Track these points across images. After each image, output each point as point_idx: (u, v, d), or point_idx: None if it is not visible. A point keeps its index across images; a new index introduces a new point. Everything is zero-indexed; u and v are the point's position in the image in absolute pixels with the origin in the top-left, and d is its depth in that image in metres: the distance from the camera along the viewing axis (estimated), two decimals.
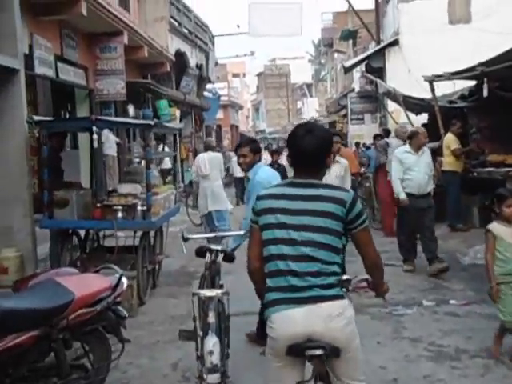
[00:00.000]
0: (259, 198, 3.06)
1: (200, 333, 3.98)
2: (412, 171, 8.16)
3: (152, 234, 8.15)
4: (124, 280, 4.25)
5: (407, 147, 8.38)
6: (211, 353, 3.73)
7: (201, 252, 4.64)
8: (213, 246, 4.62)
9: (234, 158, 16.01)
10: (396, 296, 7.11)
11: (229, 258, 4.69)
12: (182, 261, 9.31)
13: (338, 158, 7.43)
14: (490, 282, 4.93)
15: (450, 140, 10.93)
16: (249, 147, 5.50)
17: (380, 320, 6.34)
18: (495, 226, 4.93)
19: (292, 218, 2.90)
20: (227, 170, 23.06)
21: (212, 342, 3.77)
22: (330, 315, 2.81)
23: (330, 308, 2.82)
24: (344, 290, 2.94)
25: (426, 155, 8.34)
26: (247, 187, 5.78)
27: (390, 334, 5.88)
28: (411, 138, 8.37)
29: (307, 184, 2.96)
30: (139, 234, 7.70)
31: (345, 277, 2.98)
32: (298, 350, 2.83)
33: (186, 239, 4.90)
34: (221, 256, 4.59)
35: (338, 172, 7.29)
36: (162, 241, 8.70)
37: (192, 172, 12.16)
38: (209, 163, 11.10)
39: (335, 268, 2.89)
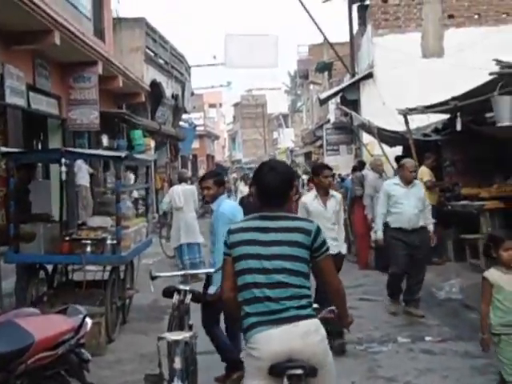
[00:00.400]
0: (231, 231, 3.24)
1: (166, 377, 3.81)
2: (400, 204, 7.70)
3: (122, 267, 7.94)
4: (88, 321, 4.07)
5: (397, 179, 8.01)
6: None
7: (168, 292, 4.48)
8: (181, 286, 4.47)
9: None
10: (371, 332, 7.01)
11: (197, 298, 4.54)
12: (154, 295, 9.05)
13: (332, 192, 6.92)
14: (482, 333, 4.50)
15: (423, 173, 10.93)
16: (213, 180, 5.59)
17: (355, 358, 6.21)
18: (493, 273, 4.50)
19: (264, 249, 3.11)
20: (202, 199, 23.14)
21: None
22: (306, 332, 3.02)
23: (306, 326, 3.04)
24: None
25: (416, 188, 7.88)
26: (211, 219, 5.76)
27: (364, 373, 5.75)
28: (399, 171, 8.10)
29: (275, 217, 3.20)
30: (109, 267, 7.51)
31: (313, 305, 3.21)
32: (279, 370, 2.97)
33: (153, 278, 4.74)
34: (189, 296, 4.44)
35: (334, 207, 6.77)
36: (133, 275, 8.49)
37: (164, 203, 12.06)
38: (183, 195, 11.23)
39: (306, 291, 3.13)
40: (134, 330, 7.72)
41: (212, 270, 4.84)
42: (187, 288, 4.48)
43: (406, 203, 7.67)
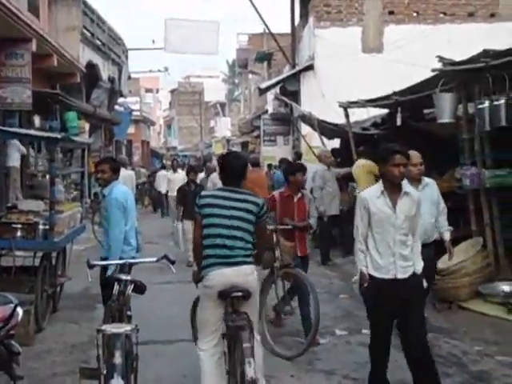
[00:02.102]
0: (202, 196, 4.54)
1: (104, 372, 3.61)
2: None
3: (54, 254, 7.62)
4: (19, 310, 3.83)
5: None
6: None
7: (108, 282, 4.28)
8: (123, 276, 4.27)
9: (160, 172, 15.55)
10: None
11: (140, 288, 4.36)
12: (85, 283, 8.77)
13: (406, 187, 4.75)
14: None
15: (370, 166, 10.99)
16: (109, 165, 5.93)
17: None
18: None
19: (226, 212, 4.39)
20: (143, 184, 23.51)
21: None
22: (247, 273, 4.37)
23: (247, 269, 4.39)
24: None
25: (430, 189, 6.00)
26: (103, 203, 6.03)
27: (303, 366, 5.70)
28: None
29: (235, 191, 4.50)
30: (40, 253, 7.18)
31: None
32: (225, 294, 4.29)
33: (91, 266, 4.51)
34: (131, 287, 4.25)
35: (407, 210, 4.66)
36: (65, 261, 8.17)
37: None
38: (122, 179, 11.08)
39: (250, 245, 4.46)
40: (64, 318, 7.43)
41: (154, 259, 4.71)
42: (129, 278, 4.29)
43: None
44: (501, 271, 7.83)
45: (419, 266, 4.75)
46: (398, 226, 4.61)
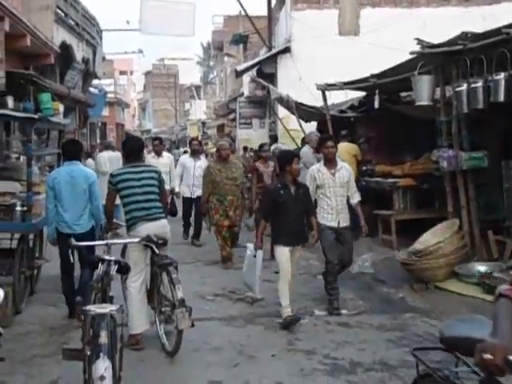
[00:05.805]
0: (113, 175, 5.80)
1: (88, 353, 3.59)
2: None
3: (31, 235, 7.54)
4: (0, 292, 3.77)
5: None
6: (102, 378, 3.35)
7: (92, 262, 4.25)
8: (106, 256, 4.24)
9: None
10: None
11: (124, 269, 4.34)
12: None
13: None
14: None
15: (355, 148, 11.08)
16: None
17: (274, 331, 6.20)
18: None
19: (138, 182, 5.71)
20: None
21: (104, 367, 3.39)
22: (163, 226, 5.77)
23: (163, 222, 5.79)
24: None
25: None
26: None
27: (284, 346, 5.74)
28: None
29: (138, 165, 5.90)
30: (17, 235, 7.09)
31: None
32: (148, 241, 5.39)
33: (74, 247, 4.47)
34: (115, 267, 4.22)
35: None
36: (43, 243, 8.08)
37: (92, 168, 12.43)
38: (109, 161, 12.40)
39: (160, 204, 5.83)
40: (42, 301, 7.36)
41: (136, 240, 4.82)
42: (113, 258, 4.26)
43: None
44: (476, 252, 7.96)
45: None
46: None
